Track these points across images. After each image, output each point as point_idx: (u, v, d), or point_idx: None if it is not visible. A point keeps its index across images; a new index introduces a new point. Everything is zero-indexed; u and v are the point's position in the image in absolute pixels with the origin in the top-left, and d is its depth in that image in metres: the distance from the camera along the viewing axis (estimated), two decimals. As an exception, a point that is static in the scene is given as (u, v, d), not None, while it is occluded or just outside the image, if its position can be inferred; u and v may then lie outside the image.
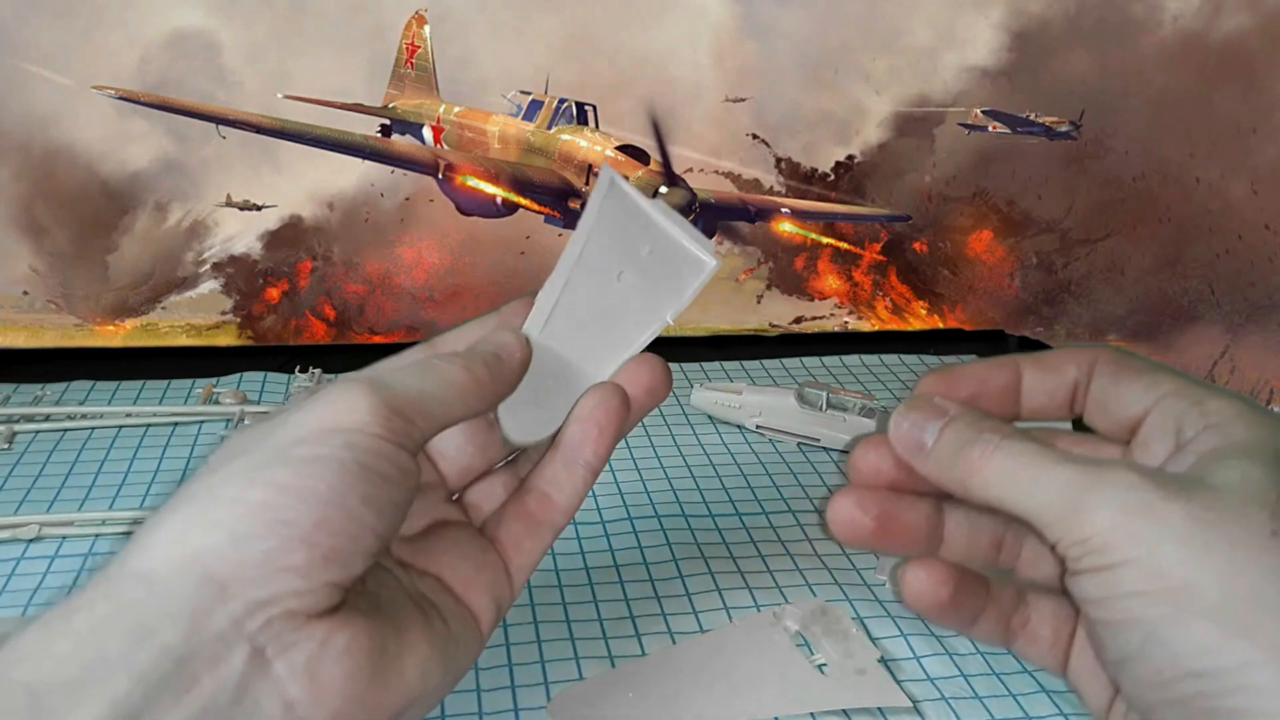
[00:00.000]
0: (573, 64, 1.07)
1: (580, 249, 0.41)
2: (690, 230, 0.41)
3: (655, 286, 0.41)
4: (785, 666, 0.49)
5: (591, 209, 0.41)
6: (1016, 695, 0.49)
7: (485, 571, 0.39)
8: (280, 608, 0.30)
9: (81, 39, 0.99)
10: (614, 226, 0.41)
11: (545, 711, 0.46)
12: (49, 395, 0.77)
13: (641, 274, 0.41)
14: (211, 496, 0.32)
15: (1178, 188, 1.13)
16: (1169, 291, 1.16)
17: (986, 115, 1.11)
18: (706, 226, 1.11)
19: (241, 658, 0.29)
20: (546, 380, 0.40)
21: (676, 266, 0.41)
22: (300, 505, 0.31)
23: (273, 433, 0.33)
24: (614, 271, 0.41)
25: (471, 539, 0.40)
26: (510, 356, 0.39)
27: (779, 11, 1.07)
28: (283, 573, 0.30)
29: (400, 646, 0.34)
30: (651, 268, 0.41)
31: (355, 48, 1.06)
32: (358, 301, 1.09)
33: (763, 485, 0.67)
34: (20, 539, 0.59)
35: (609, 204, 0.41)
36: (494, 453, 0.41)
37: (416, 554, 0.38)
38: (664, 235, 0.41)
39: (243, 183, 1.06)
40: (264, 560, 0.30)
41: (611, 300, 0.41)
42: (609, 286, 0.41)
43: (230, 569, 0.30)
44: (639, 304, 0.41)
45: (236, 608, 0.30)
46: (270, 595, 0.30)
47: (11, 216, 1.03)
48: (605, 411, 0.40)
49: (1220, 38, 1.09)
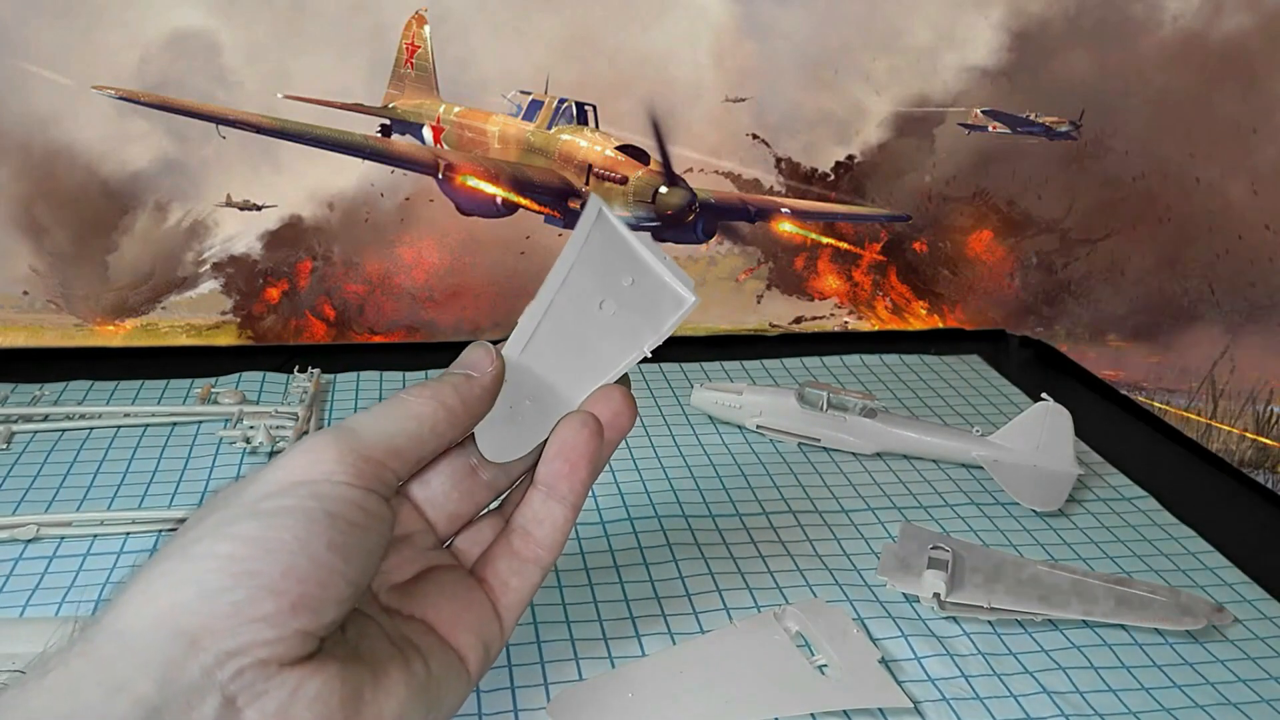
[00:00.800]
0: (573, 64, 1.07)
1: (564, 275, 0.42)
2: (672, 265, 0.42)
3: (635, 318, 0.42)
4: (785, 667, 0.49)
5: (578, 237, 0.42)
6: (1017, 696, 0.49)
7: (471, 611, 0.39)
8: (251, 657, 0.31)
9: (81, 39, 0.99)
10: (599, 256, 0.42)
11: (545, 712, 0.46)
12: (47, 395, 0.77)
13: (622, 304, 0.42)
14: (183, 554, 0.32)
15: (1178, 188, 1.13)
16: (1169, 291, 1.16)
17: (986, 115, 1.11)
18: (706, 226, 1.11)
19: (213, 707, 0.30)
20: (524, 399, 0.41)
21: (657, 300, 0.42)
22: (266, 556, 0.31)
23: (244, 490, 0.34)
24: (596, 299, 0.42)
25: (459, 581, 0.40)
26: (482, 373, 0.39)
27: (779, 11, 1.07)
28: (252, 623, 0.31)
29: (377, 692, 0.34)
30: (633, 299, 0.42)
31: (355, 48, 1.06)
32: (358, 301, 1.09)
33: (763, 485, 0.67)
34: (18, 539, 0.59)
35: (595, 233, 0.42)
36: (480, 497, 0.42)
37: (404, 600, 0.39)
38: (646, 268, 0.42)
39: (243, 183, 1.06)
40: (233, 612, 0.31)
41: (592, 327, 0.42)
42: (590, 314, 0.42)
43: (200, 621, 0.30)
44: (619, 333, 0.42)
45: (207, 659, 0.30)
46: (240, 645, 0.31)
47: (11, 216, 1.03)
48: (577, 444, 0.40)
49: (1220, 38, 1.09)
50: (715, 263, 1.12)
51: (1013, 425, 0.67)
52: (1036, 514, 0.64)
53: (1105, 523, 0.63)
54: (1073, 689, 0.49)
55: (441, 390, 0.38)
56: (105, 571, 0.57)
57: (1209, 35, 1.09)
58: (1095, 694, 0.49)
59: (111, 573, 0.57)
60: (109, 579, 0.56)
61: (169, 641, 0.30)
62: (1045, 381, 0.78)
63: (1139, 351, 1.18)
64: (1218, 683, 0.50)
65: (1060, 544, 0.61)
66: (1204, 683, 0.50)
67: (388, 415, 0.37)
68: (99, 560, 0.58)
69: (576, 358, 0.42)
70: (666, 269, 0.42)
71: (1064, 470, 0.65)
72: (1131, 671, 0.50)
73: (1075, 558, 0.60)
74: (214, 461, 0.68)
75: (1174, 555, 0.60)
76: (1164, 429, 0.80)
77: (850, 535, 0.62)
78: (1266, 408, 1.18)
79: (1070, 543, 0.61)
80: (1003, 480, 0.65)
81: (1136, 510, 0.65)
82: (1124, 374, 1.18)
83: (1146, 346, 1.17)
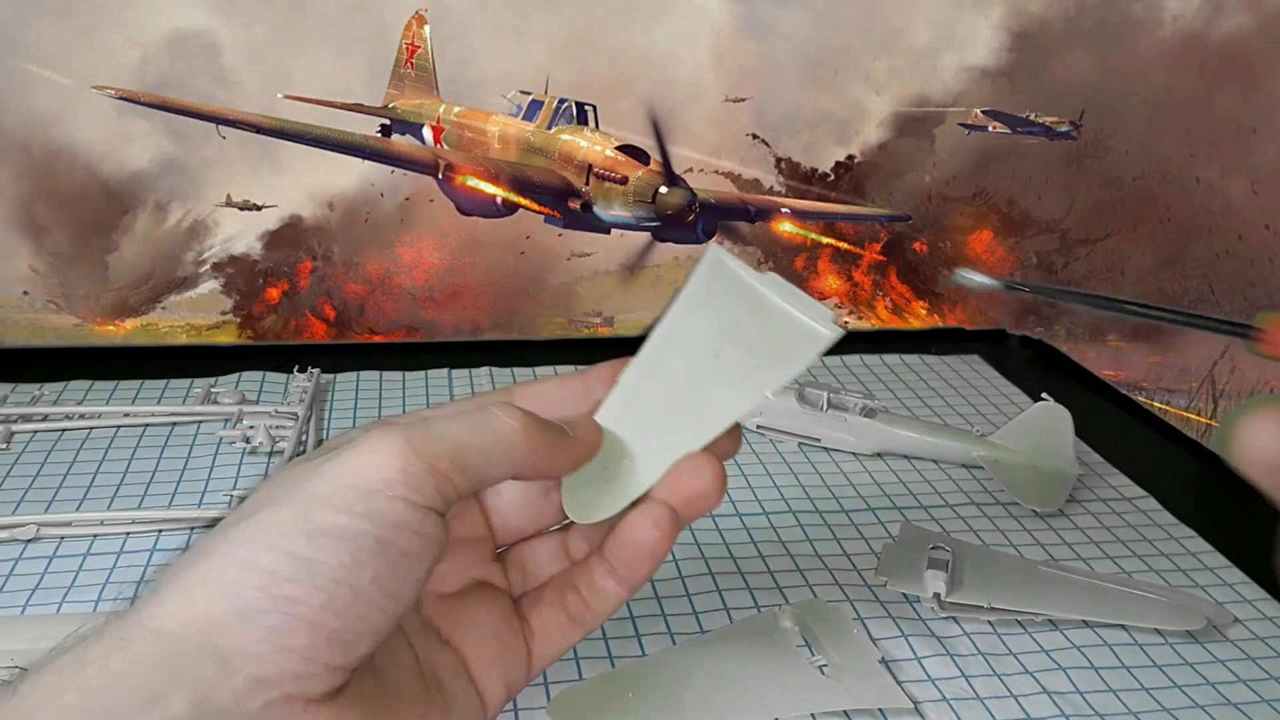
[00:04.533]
0: (573, 64, 1.07)
1: (675, 329, 0.39)
2: (805, 301, 0.39)
3: (757, 362, 0.39)
4: (785, 667, 0.49)
5: (693, 289, 0.39)
6: (1018, 696, 0.49)
7: (507, 657, 0.38)
8: (280, 690, 0.30)
9: (81, 39, 0.99)
10: (716, 304, 0.39)
11: (545, 711, 0.46)
12: (47, 395, 0.77)
13: (743, 351, 0.39)
14: (227, 557, 0.31)
15: (1178, 188, 1.13)
16: (1169, 291, 1.16)
17: (986, 115, 1.11)
18: (706, 226, 1.11)
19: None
20: (621, 462, 0.39)
21: (787, 340, 0.39)
22: (309, 581, 0.30)
23: (299, 485, 0.32)
24: (711, 349, 0.39)
25: (504, 617, 0.39)
26: (578, 436, 0.37)
27: (779, 11, 1.07)
28: (285, 652, 0.30)
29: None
30: (755, 344, 0.39)
31: (355, 48, 1.06)
32: (358, 301, 1.09)
33: (763, 485, 0.67)
34: (18, 539, 0.59)
35: (712, 283, 0.39)
36: (548, 520, 0.40)
37: (446, 617, 0.38)
38: (775, 310, 0.39)
39: (243, 183, 1.06)
40: (267, 637, 0.30)
41: (707, 379, 0.39)
42: (705, 365, 0.39)
43: (234, 641, 0.30)
44: (736, 380, 0.39)
45: (239, 684, 0.30)
46: (271, 674, 0.30)
47: (11, 216, 1.03)
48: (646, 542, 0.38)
49: (1220, 38, 1.09)
50: (715, 263, 1.12)
51: (1013, 425, 0.67)
52: (1036, 514, 0.64)
53: (1105, 523, 0.63)
54: (1073, 689, 0.49)
55: (533, 423, 0.35)
56: (105, 571, 0.57)
57: (1209, 35, 1.09)
58: (1095, 694, 0.49)
59: (111, 572, 0.56)
60: (109, 579, 0.56)
61: (204, 658, 0.30)
62: (1045, 381, 0.78)
63: (1139, 351, 1.17)
64: (1218, 683, 0.50)
65: (1060, 544, 0.61)
66: (1204, 683, 0.50)
67: (467, 422, 0.34)
68: (99, 560, 0.58)
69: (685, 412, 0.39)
70: (798, 307, 0.39)
71: (1064, 470, 0.65)
72: (1131, 671, 0.50)
73: (1075, 558, 0.60)
74: (214, 461, 0.68)
75: (1174, 555, 0.60)
76: (1164, 429, 0.80)
77: (850, 535, 0.62)
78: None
79: (1070, 543, 0.61)
80: (1003, 480, 0.65)
81: (1136, 510, 0.65)
82: (1124, 374, 1.18)
83: (1146, 346, 1.17)
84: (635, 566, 0.38)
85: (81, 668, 0.29)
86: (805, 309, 0.39)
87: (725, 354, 0.39)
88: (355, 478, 0.32)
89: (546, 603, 0.39)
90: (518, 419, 0.35)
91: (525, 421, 0.35)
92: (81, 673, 0.29)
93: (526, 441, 0.35)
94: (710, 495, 0.38)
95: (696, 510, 0.38)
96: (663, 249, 1.09)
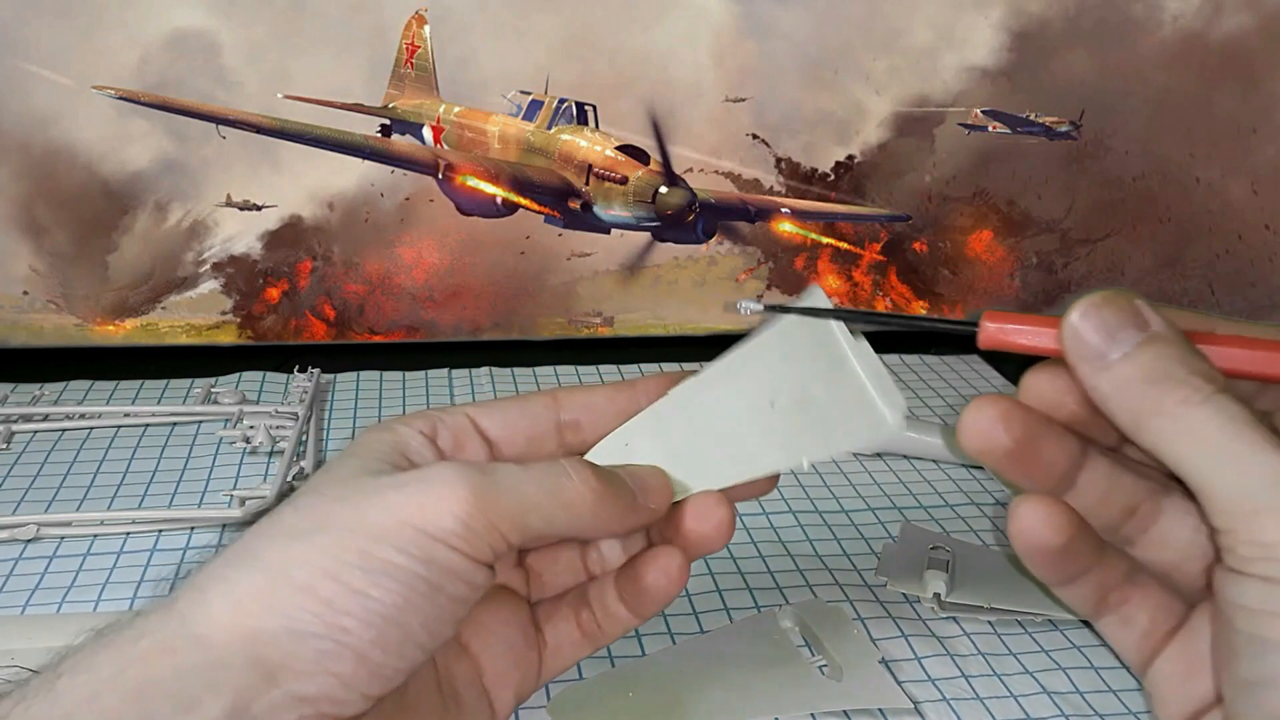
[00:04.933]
0: (573, 64, 1.07)
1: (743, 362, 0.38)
2: (883, 382, 0.37)
3: (810, 426, 0.37)
4: (785, 667, 0.49)
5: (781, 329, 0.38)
6: (1018, 696, 0.49)
7: (521, 667, 0.39)
8: (314, 709, 0.31)
9: (81, 39, 0.99)
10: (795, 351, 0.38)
11: (545, 711, 0.46)
12: (47, 395, 0.77)
13: (800, 409, 0.37)
14: (283, 574, 0.31)
15: (1178, 188, 1.13)
16: (1169, 291, 1.16)
17: (986, 115, 1.11)
18: (706, 226, 1.11)
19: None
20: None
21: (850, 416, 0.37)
22: (363, 615, 0.31)
23: (364, 507, 0.32)
24: (769, 396, 0.38)
25: (522, 626, 0.39)
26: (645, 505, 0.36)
27: (779, 11, 1.07)
28: (328, 676, 0.30)
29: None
30: (816, 407, 0.37)
31: (355, 48, 1.06)
32: (358, 301, 1.09)
33: (763, 485, 0.67)
34: (18, 539, 0.59)
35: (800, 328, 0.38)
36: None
37: (468, 624, 0.38)
38: (852, 380, 0.37)
39: (243, 183, 1.05)
40: (315, 659, 0.30)
41: (750, 423, 0.38)
42: (755, 409, 0.38)
43: (281, 657, 0.30)
44: (780, 437, 0.38)
45: (278, 696, 0.30)
46: (311, 693, 0.30)
47: (11, 216, 1.03)
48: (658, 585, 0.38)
49: (1220, 38, 1.09)
50: (715, 263, 1.12)
51: (1013, 425, 0.67)
52: (1036, 514, 0.64)
53: (1105, 523, 0.63)
54: (1073, 689, 0.49)
55: (607, 496, 0.35)
56: (105, 571, 0.57)
57: (1209, 35, 1.09)
58: (1095, 694, 0.49)
59: (111, 573, 0.57)
60: (109, 579, 0.56)
61: (248, 667, 0.30)
62: (1045, 381, 0.78)
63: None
64: (1218, 683, 0.50)
65: (1060, 544, 0.61)
66: (1204, 683, 0.50)
67: (538, 483, 0.34)
68: (99, 560, 0.58)
69: (717, 450, 0.38)
70: (875, 385, 0.37)
71: (1064, 470, 0.65)
72: (1131, 672, 0.50)
73: (1075, 558, 0.60)
74: (214, 461, 0.68)
75: (1174, 555, 0.60)
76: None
77: (850, 535, 0.62)
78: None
79: (1070, 543, 0.61)
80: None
81: (1136, 510, 0.65)
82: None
83: (1146, 346, 1.17)
84: (644, 604, 0.39)
85: (120, 669, 0.30)
86: (882, 390, 0.37)
87: (781, 406, 0.38)
88: (417, 518, 0.32)
89: (562, 616, 0.40)
90: (592, 488, 0.34)
91: (598, 491, 0.34)
92: (121, 675, 0.29)
93: (594, 512, 0.34)
94: (714, 540, 0.38)
95: (699, 551, 0.39)
96: (663, 249, 1.09)
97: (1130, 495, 0.35)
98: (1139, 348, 0.30)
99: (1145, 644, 0.35)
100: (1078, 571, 0.34)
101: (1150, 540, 0.35)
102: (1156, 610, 0.35)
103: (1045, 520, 0.33)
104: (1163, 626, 0.35)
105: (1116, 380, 0.30)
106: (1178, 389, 0.29)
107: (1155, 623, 0.35)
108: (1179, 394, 0.29)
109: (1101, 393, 0.30)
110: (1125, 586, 0.35)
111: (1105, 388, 0.30)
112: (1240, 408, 0.29)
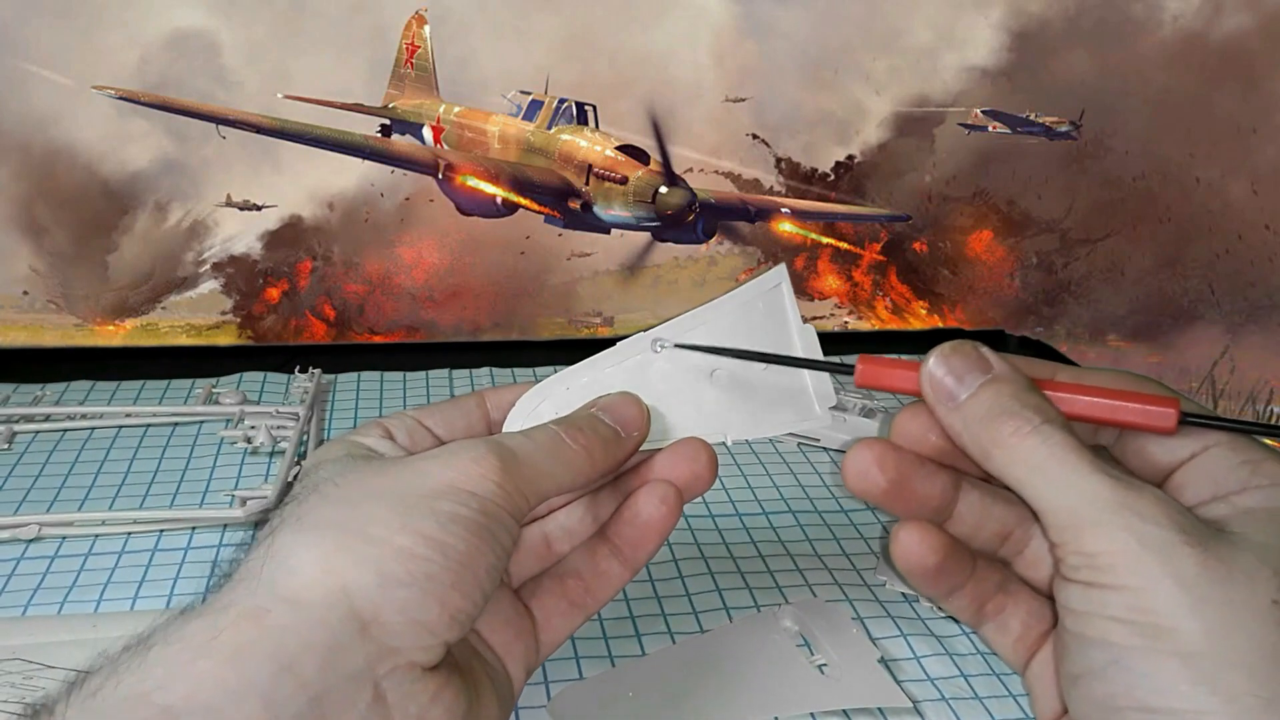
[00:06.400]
0: (573, 64, 1.07)
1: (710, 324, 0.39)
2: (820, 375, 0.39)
3: (744, 404, 0.39)
4: (785, 666, 0.49)
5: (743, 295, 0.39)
6: (1017, 696, 0.49)
7: (522, 640, 0.40)
8: (406, 658, 0.31)
9: (81, 39, 0.99)
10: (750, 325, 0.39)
11: (545, 711, 0.46)
12: (48, 395, 0.77)
13: (736, 386, 0.39)
14: (362, 533, 0.32)
15: (1178, 188, 1.13)
16: (1169, 291, 1.16)
17: (986, 115, 1.11)
18: (706, 226, 1.11)
19: (366, 701, 0.31)
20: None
21: (782, 399, 0.39)
22: (443, 560, 0.32)
23: (406, 478, 0.34)
24: (711, 366, 0.39)
25: (512, 604, 0.40)
26: (629, 436, 0.39)
27: (779, 11, 1.07)
28: (416, 625, 0.32)
29: (479, 707, 0.35)
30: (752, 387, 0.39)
31: (355, 48, 1.06)
32: (358, 301, 1.09)
33: (763, 485, 0.67)
34: (20, 539, 0.59)
35: (756, 300, 0.39)
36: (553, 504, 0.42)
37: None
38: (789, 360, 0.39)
39: (243, 183, 1.06)
40: (403, 609, 0.31)
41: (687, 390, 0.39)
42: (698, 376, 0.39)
43: (374, 610, 0.31)
44: (710, 408, 0.39)
45: (372, 649, 0.31)
46: (402, 644, 0.31)
47: (11, 216, 1.03)
48: (654, 519, 0.40)
49: (1220, 38, 1.09)
50: (715, 263, 1.12)
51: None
52: (1036, 514, 0.64)
53: (1105, 522, 0.63)
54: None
55: (594, 445, 0.38)
56: (107, 571, 0.57)
57: (1209, 35, 1.09)
58: (1095, 694, 0.49)
59: (113, 573, 0.57)
60: (110, 579, 0.56)
61: (342, 623, 0.30)
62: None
63: (1139, 351, 1.18)
64: (1217, 682, 0.50)
65: (1060, 544, 0.61)
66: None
67: (546, 451, 0.37)
68: (100, 560, 0.58)
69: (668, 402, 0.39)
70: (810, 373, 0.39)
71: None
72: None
73: (1075, 557, 0.60)
74: (215, 462, 0.69)
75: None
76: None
77: (850, 535, 0.62)
78: (1267, 408, 1.18)
79: (1070, 542, 0.61)
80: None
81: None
82: (1124, 374, 1.18)
83: (1146, 346, 1.17)
84: (641, 545, 0.40)
85: (214, 635, 0.30)
86: (817, 380, 0.39)
87: (719, 378, 0.39)
88: (464, 481, 0.34)
89: (545, 590, 0.41)
90: (582, 444, 0.37)
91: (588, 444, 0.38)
92: (215, 640, 0.30)
93: (591, 468, 0.38)
94: (705, 478, 0.40)
95: (691, 493, 0.40)
96: (663, 249, 1.09)
97: (1001, 522, 0.38)
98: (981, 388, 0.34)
99: (1020, 647, 0.38)
100: (954, 586, 0.37)
101: (1025, 560, 0.39)
102: (1029, 616, 0.38)
103: (920, 543, 0.36)
104: (1035, 631, 0.38)
105: (965, 417, 0.34)
106: (1011, 421, 0.33)
107: (1028, 628, 0.38)
108: (1012, 425, 0.33)
109: (955, 429, 0.34)
110: (1000, 596, 0.38)
111: (957, 425, 0.34)
112: (1066, 435, 0.32)
